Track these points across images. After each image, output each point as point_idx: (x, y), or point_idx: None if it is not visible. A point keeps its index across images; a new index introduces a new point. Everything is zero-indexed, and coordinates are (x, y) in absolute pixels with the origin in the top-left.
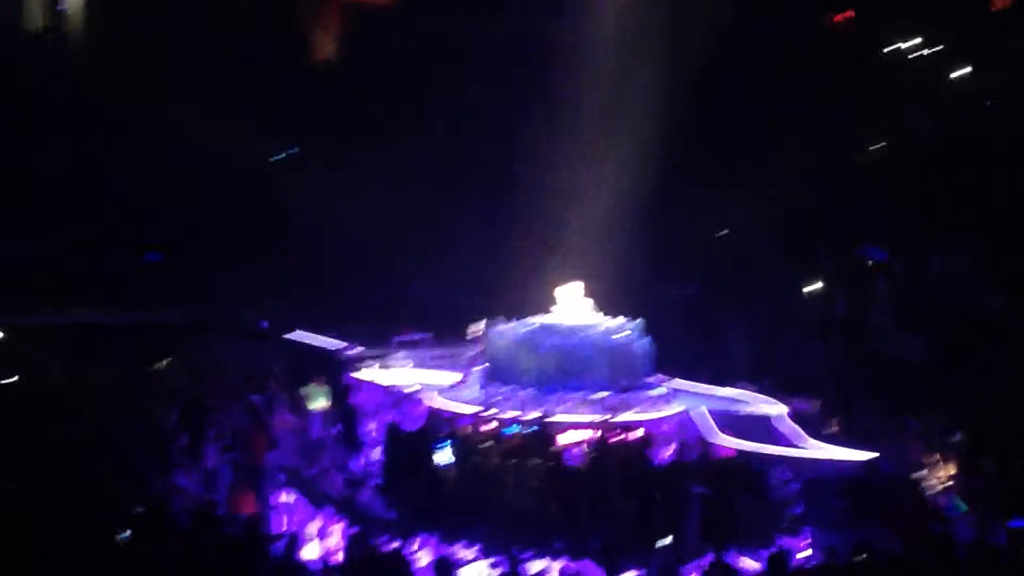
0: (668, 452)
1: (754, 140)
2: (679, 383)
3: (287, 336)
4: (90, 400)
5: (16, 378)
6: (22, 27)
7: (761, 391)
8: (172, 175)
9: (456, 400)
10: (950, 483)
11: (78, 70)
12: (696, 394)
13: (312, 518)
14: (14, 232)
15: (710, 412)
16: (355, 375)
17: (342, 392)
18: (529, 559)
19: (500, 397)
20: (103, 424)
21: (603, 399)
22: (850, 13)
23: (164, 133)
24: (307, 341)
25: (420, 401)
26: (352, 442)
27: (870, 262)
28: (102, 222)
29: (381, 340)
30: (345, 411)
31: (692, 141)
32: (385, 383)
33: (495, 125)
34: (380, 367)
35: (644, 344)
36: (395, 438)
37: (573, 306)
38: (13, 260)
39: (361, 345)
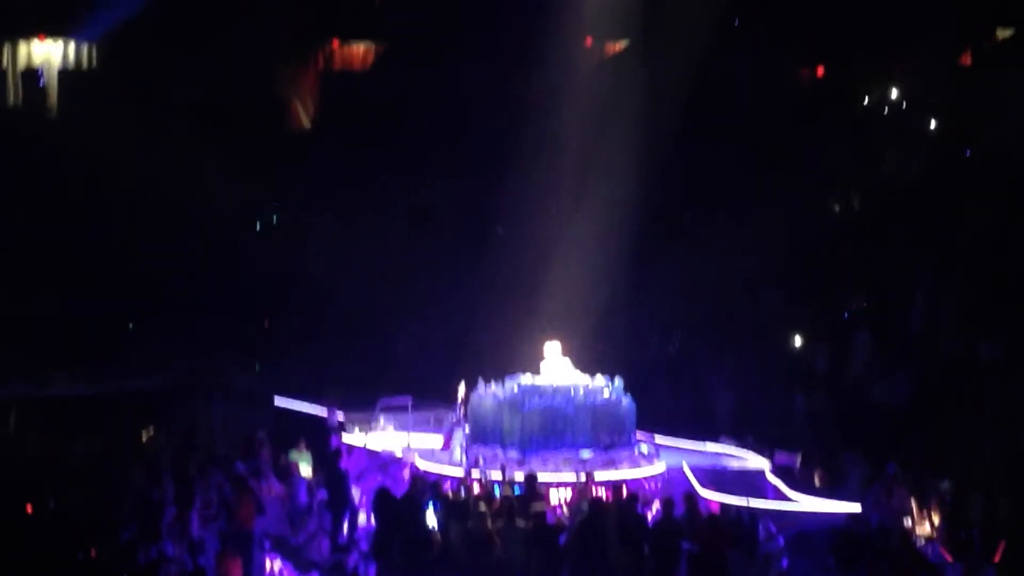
0: (654, 509)
1: (734, 193)
2: (662, 439)
3: (271, 401)
4: (74, 470)
5: None
6: (3, 103)
7: (744, 446)
8: (153, 241)
9: (441, 462)
10: (936, 532)
11: (58, 142)
12: (680, 450)
13: None
14: None
15: (694, 468)
16: (340, 439)
17: (327, 457)
18: None
19: (484, 458)
20: (88, 494)
21: (587, 458)
22: (820, 69)
23: (144, 200)
24: (291, 406)
25: (405, 464)
26: (338, 507)
27: (847, 314)
28: (83, 290)
29: (365, 404)
30: (331, 476)
31: (672, 196)
32: (370, 447)
33: (474, 184)
34: (364, 431)
35: (626, 402)
36: (381, 502)
37: (555, 365)
38: None
39: (345, 409)
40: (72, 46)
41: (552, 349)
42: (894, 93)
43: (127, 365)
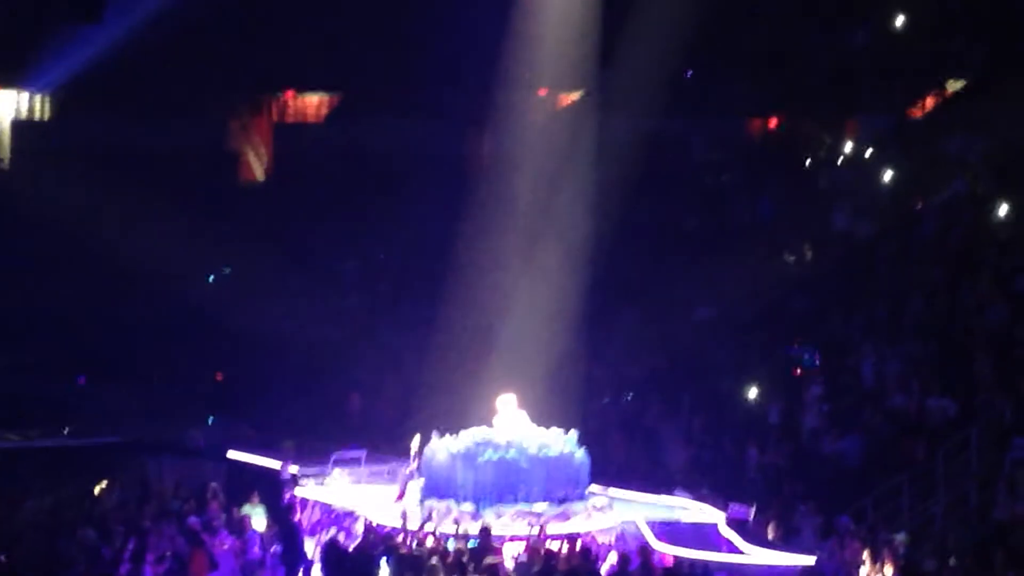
0: (609, 562)
1: (683, 246)
2: (616, 492)
3: (224, 454)
4: (27, 525)
5: None
6: None
7: (699, 498)
8: (104, 295)
9: (394, 516)
10: None
11: (7, 196)
12: (634, 503)
13: None
14: None
15: (648, 521)
16: (293, 493)
17: (281, 511)
18: None
19: (438, 512)
20: (39, 550)
21: (541, 511)
22: (774, 121)
23: (94, 256)
24: (244, 459)
25: (358, 518)
26: (292, 561)
27: (800, 368)
28: (32, 346)
29: (319, 456)
30: (284, 530)
31: (623, 248)
32: (323, 500)
33: (426, 236)
34: (317, 484)
35: (580, 455)
36: (332, 556)
37: (509, 418)
38: None
39: (299, 462)
40: (25, 96)
41: (506, 402)
42: (847, 147)
43: (79, 421)
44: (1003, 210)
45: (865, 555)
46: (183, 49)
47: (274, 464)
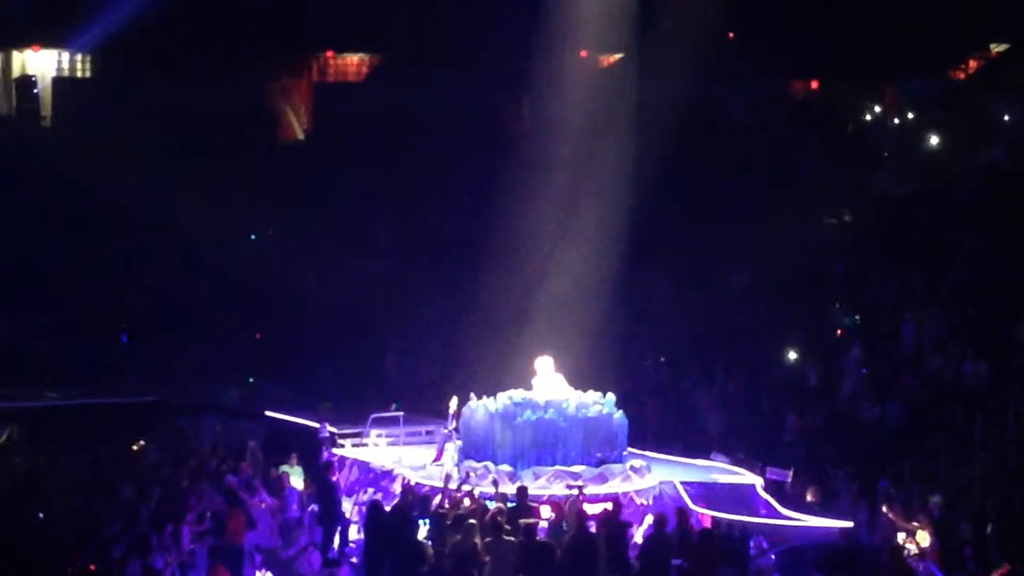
0: (645, 524)
1: (726, 208)
2: (654, 455)
3: (262, 414)
4: (64, 483)
5: None
6: None
7: (735, 461)
8: (143, 256)
9: (432, 477)
10: (927, 549)
11: (49, 154)
12: (671, 465)
13: None
14: None
15: (685, 484)
16: (331, 453)
17: (318, 471)
18: None
19: (476, 472)
20: (77, 507)
21: (579, 473)
22: (814, 84)
23: (135, 215)
24: (282, 419)
25: (396, 478)
26: (329, 521)
27: (839, 332)
28: (74, 305)
29: (356, 417)
30: (321, 490)
31: (663, 211)
32: (361, 461)
33: (465, 198)
34: (356, 445)
35: (618, 417)
36: (372, 516)
37: (547, 381)
38: None
39: (337, 422)
40: (66, 56)
41: (544, 365)
42: (888, 109)
43: (118, 379)
44: None
45: (903, 519)
46: (224, 9)
47: (312, 424)
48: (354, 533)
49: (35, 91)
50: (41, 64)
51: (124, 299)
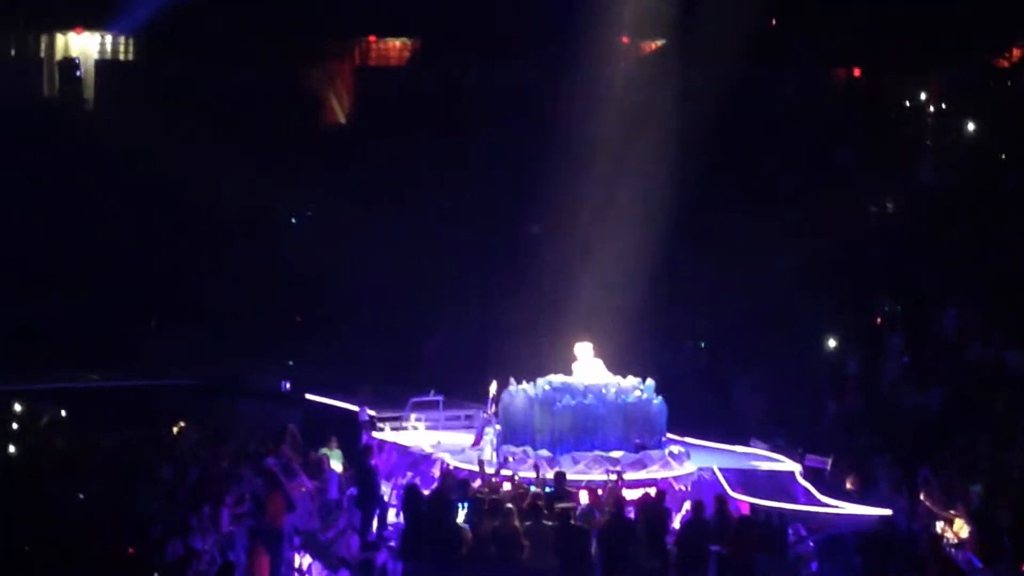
0: (684, 510)
1: (765, 195)
2: (693, 441)
3: (302, 397)
4: (105, 464)
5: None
6: (37, 93)
7: (775, 448)
8: (184, 238)
9: (471, 461)
10: (966, 537)
11: (91, 136)
12: (710, 451)
13: None
14: (27, 297)
15: (724, 470)
16: (370, 436)
17: (357, 454)
18: None
19: (515, 457)
20: (118, 488)
21: (618, 458)
22: (857, 71)
23: (178, 197)
24: (322, 402)
25: (435, 462)
26: (368, 504)
27: (881, 319)
28: (116, 288)
29: (396, 401)
30: (360, 473)
31: (702, 197)
32: (400, 444)
33: (505, 183)
34: (395, 428)
35: (658, 403)
36: (410, 500)
37: (587, 366)
38: (26, 325)
39: (376, 406)
40: (109, 38)
41: (583, 350)
42: (931, 97)
43: (160, 362)
44: None
45: (943, 507)
46: None
47: (352, 407)
48: (392, 517)
49: (78, 73)
50: (84, 46)
51: (164, 280)
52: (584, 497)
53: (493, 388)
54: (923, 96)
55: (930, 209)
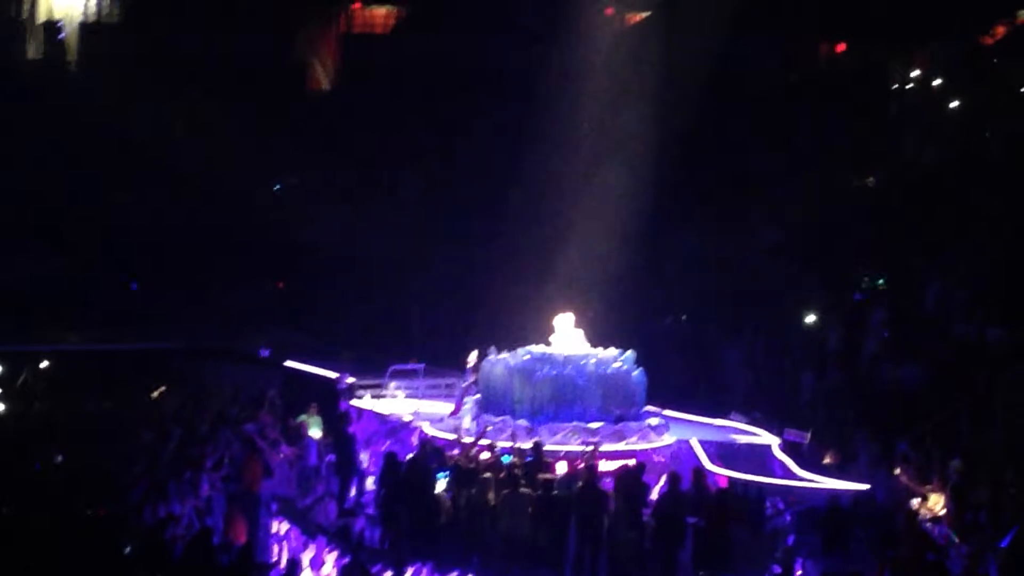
0: (661, 482)
1: (749, 170)
2: (672, 413)
3: (282, 363)
4: (84, 427)
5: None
6: (20, 56)
7: (753, 422)
8: (168, 204)
9: (450, 430)
10: (943, 512)
11: (74, 99)
12: (689, 424)
13: (305, 548)
14: (9, 260)
15: (703, 442)
16: (349, 403)
17: (337, 421)
18: None
19: (493, 427)
20: (97, 451)
21: (596, 429)
22: (842, 45)
23: (161, 163)
24: (302, 368)
25: (414, 430)
26: (346, 472)
27: (863, 293)
28: (97, 251)
29: (376, 369)
30: (340, 440)
31: (687, 171)
32: (380, 412)
33: (489, 153)
34: (374, 396)
35: (637, 374)
36: (388, 467)
37: (567, 338)
38: (7, 288)
39: (357, 373)
40: (93, 1)
41: (564, 321)
42: (915, 73)
43: (138, 325)
44: None
45: (920, 483)
46: None
47: (331, 374)
48: (371, 484)
49: (61, 36)
50: (68, 9)
51: (147, 245)
52: (562, 468)
53: (473, 357)
54: (907, 72)
55: (913, 185)
